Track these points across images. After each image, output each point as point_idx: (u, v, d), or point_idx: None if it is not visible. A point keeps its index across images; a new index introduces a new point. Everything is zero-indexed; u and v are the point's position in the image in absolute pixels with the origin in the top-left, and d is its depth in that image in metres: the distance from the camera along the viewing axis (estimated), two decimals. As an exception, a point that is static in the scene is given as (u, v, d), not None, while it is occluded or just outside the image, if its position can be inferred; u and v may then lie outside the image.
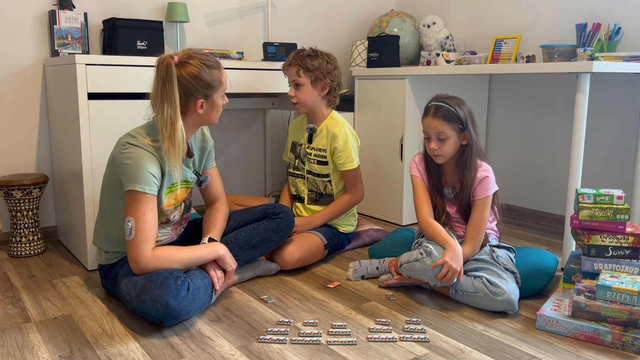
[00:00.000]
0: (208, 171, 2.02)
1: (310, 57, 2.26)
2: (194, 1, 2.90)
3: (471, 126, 1.93)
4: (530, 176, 3.01)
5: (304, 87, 2.28)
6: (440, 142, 1.92)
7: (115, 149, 1.75)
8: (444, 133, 1.90)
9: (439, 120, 1.90)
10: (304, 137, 2.41)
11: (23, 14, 2.47)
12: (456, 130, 1.91)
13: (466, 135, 1.93)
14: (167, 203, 1.80)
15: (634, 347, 1.54)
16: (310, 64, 2.25)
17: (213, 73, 1.76)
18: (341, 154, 2.29)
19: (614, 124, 2.63)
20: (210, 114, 1.83)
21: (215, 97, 1.80)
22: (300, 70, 2.26)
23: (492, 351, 1.55)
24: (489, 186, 1.94)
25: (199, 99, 1.76)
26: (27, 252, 2.39)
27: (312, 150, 2.36)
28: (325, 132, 2.33)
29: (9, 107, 2.50)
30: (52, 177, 2.60)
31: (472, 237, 1.93)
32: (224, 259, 1.82)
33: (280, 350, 1.56)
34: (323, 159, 2.33)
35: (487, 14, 3.12)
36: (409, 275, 1.90)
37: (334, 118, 2.36)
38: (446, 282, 1.79)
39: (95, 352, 1.54)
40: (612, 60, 2.25)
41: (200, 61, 1.74)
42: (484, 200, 1.94)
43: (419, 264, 1.83)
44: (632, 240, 1.80)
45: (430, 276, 1.81)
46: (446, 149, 1.93)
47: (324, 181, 2.35)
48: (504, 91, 3.09)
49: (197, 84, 1.73)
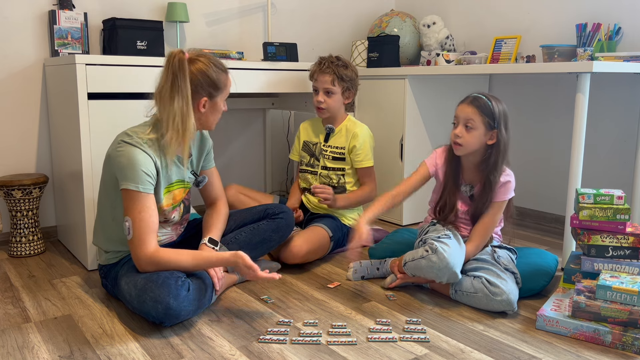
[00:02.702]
0: (207, 171, 2.02)
1: (344, 68, 2.38)
2: (194, 1, 2.90)
3: (503, 128, 1.89)
4: (530, 176, 3.01)
5: (335, 95, 2.40)
6: (466, 130, 1.89)
7: (111, 147, 1.76)
8: (473, 121, 1.87)
9: (472, 108, 1.88)
10: (319, 137, 2.50)
11: (23, 14, 2.47)
12: (485, 125, 1.88)
13: (494, 135, 1.89)
14: (165, 203, 1.80)
15: (634, 347, 1.54)
16: (345, 75, 2.38)
17: (220, 74, 1.78)
18: (360, 152, 2.40)
19: (614, 124, 2.63)
20: (210, 115, 1.83)
21: (219, 99, 1.81)
22: (335, 80, 2.37)
23: (492, 351, 1.55)
24: (509, 191, 1.94)
25: (203, 97, 1.76)
26: (27, 252, 2.39)
27: (329, 148, 2.46)
28: (345, 131, 2.45)
29: (9, 107, 2.50)
30: (52, 177, 2.60)
31: (477, 237, 1.93)
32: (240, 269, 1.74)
33: (280, 350, 1.56)
34: (340, 156, 2.44)
35: (487, 14, 3.12)
36: (414, 274, 1.89)
37: (353, 120, 2.49)
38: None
39: (95, 352, 1.54)
40: (612, 60, 2.25)
41: (209, 60, 1.77)
42: (500, 203, 1.94)
43: (424, 261, 1.82)
44: (632, 240, 1.80)
45: (436, 273, 1.80)
46: (469, 140, 1.88)
47: (338, 174, 2.45)
48: (504, 91, 3.09)
49: (205, 81, 1.74)
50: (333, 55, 2.41)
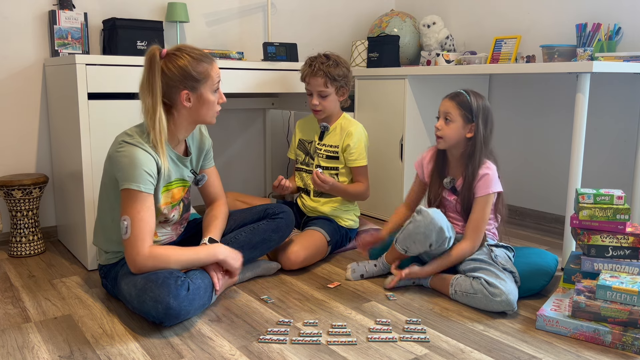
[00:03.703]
0: (206, 171, 2.02)
1: (335, 67, 2.34)
2: (194, 1, 2.90)
3: (481, 122, 1.96)
4: (530, 176, 3.01)
5: (329, 96, 2.38)
6: (445, 123, 1.97)
7: (112, 147, 1.75)
8: (451, 114, 1.96)
9: (451, 102, 1.98)
10: (314, 135, 2.48)
11: (23, 14, 2.47)
12: (463, 118, 1.95)
13: (472, 128, 1.95)
14: (163, 202, 1.80)
15: (634, 347, 1.54)
16: (336, 74, 2.35)
17: (200, 65, 1.74)
18: (354, 151, 2.38)
19: (614, 124, 2.63)
20: (201, 109, 1.79)
21: (203, 90, 1.76)
22: (328, 82, 2.34)
23: (492, 351, 1.55)
24: (490, 184, 1.94)
25: (183, 90, 1.73)
26: (27, 252, 2.39)
27: (323, 146, 2.45)
28: (339, 129, 2.43)
29: (9, 107, 2.50)
30: (52, 177, 2.60)
31: (471, 234, 1.95)
32: (226, 262, 1.81)
33: (280, 350, 1.56)
34: (334, 154, 2.42)
35: (487, 14, 3.12)
36: (405, 247, 1.94)
37: (348, 118, 2.48)
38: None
39: (95, 352, 1.54)
40: (612, 60, 2.25)
41: (187, 53, 1.73)
42: (484, 198, 1.94)
43: (411, 225, 1.90)
44: (632, 240, 1.80)
45: (424, 232, 1.86)
46: (448, 132, 1.97)
47: (332, 174, 2.43)
48: (504, 91, 3.09)
49: (181, 74, 1.71)
50: (322, 55, 2.38)
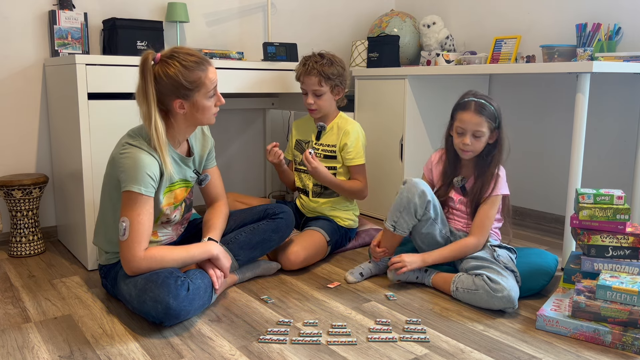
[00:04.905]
0: (208, 170, 2.02)
1: (329, 65, 2.32)
2: (194, 1, 2.90)
3: (503, 127, 1.98)
4: (530, 176, 3.01)
5: (324, 95, 2.36)
6: (475, 139, 1.94)
7: (116, 149, 1.75)
8: (481, 131, 1.93)
9: (479, 118, 1.91)
10: (311, 135, 2.47)
11: (23, 14, 2.47)
12: (490, 130, 1.95)
13: (495, 134, 1.96)
14: (166, 202, 1.80)
15: (634, 347, 1.54)
16: (330, 73, 2.32)
17: (192, 74, 1.70)
18: (351, 150, 2.36)
19: (614, 124, 2.63)
20: (196, 114, 1.77)
21: (197, 97, 1.74)
22: (322, 80, 2.33)
23: (492, 351, 1.55)
24: (502, 185, 1.98)
25: (176, 99, 1.72)
26: (27, 252, 2.39)
27: (320, 146, 2.43)
28: (336, 129, 2.42)
29: (9, 107, 2.50)
30: (52, 177, 2.60)
31: (477, 230, 1.97)
32: (218, 260, 1.82)
33: (280, 350, 1.56)
34: (331, 154, 2.41)
35: (487, 14, 3.12)
36: (393, 221, 1.98)
37: (344, 117, 2.46)
38: (393, 268, 1.96)
39: (95, 352, 1.54)
40: (612, 60, 2.25)
41: (179, 62, 1.69)
42: (495, 198, 1.97)
43: (397, 196, 1.97)
44: (632, 240, 1.80)
45: (407, 196, 1.92)
46: (478, 147, 1.96)
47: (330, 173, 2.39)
48: (504, 91, 3.09)
49: (172, 84, 1.69)
50: (317, 53, 2.37)
